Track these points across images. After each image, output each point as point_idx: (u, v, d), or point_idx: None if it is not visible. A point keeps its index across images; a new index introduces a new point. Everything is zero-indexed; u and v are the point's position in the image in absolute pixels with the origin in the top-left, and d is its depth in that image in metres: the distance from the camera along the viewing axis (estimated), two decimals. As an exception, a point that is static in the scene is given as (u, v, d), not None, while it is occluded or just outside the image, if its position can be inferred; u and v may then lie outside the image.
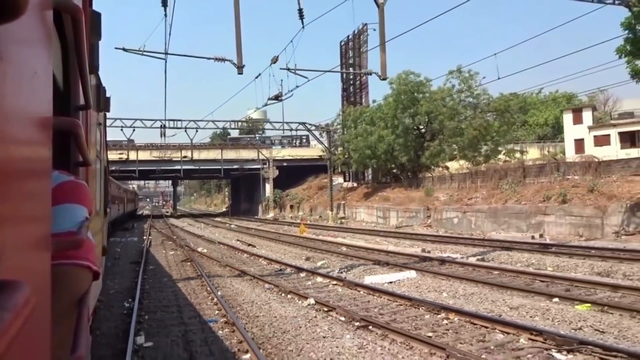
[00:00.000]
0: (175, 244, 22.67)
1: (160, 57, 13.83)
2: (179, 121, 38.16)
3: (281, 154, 52.03)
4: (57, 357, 1.07)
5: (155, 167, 49.44)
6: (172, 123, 37.73)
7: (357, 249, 18.64)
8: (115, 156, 41.86)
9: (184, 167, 48.46)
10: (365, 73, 22.85)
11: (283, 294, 10.39)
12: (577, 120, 43.40)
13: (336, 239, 23.18)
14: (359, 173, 45.64)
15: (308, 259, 16.38)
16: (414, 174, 37.16)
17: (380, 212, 33.70)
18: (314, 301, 9.35)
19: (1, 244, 0.54)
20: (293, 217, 45.35)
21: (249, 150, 52.59)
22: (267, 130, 64.29)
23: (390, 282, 11.57)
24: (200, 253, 18.74)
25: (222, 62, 12.06)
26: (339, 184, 47.25)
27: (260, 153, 48.99)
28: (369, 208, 35.75)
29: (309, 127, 39.48)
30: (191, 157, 46.88)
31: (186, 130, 39.21)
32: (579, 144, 42.12)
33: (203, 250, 19.44)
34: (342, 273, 13.05)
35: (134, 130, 37.49)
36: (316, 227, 31.02)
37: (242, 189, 65.57)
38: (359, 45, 46.59)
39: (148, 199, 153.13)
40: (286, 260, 16.01)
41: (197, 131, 39.87)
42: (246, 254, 18.23)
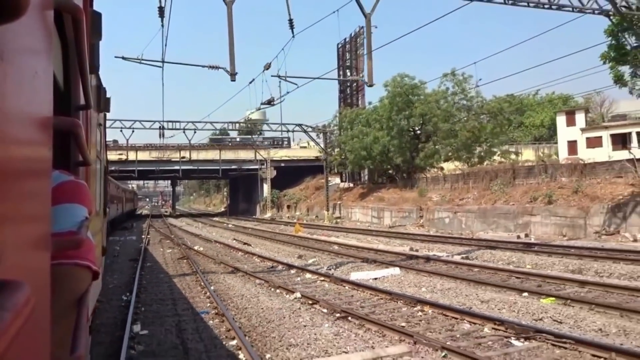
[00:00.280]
0: (173, 243, 23.29)
1: (157, 65, 14.45)
2: (177, 122, 38.84)
3: (279, 155, 52.61)
4: (57, 357, 1.07)
5: (154, 168, 50.03)
6: (170, 124, 38.40)
7: (348, 248, 19.28)
8: (115, 156, 42.44)
9: (183, 167, 49.05)
10: (352, 80, 23.42)
11: (272, 289, 11.02)
12: (570, 122, 44.02)
13: (329, 238, 23.80)
14: (355, 174, 46.27)
15: (300, 257, 17.01)
16: (409, 175, 37.79)
17: (375, 212, 34.32)
18: (300, 295, 9.98)
19: (1, 244, 0.54)
20: (290, 217, 45.95)
21: (247, 150, 53.14)
22: (266, 131, 65.02)
23: (375, 279, 12.20)
24: (196, 251, 19.37)
25: (216, 70, 12.74)
26: (335, 184, 47.83)
27: (258, 153, 49.54)
28: (364, 208, 36.37)
29: (305, 128, 40.08)
30: (189, 158, 47.51)
31: (184, 132, 39.89)
32: (572, 146, 42.74)
33: (199, 249, 20.07)
34: (331, 270, 13.68)
35: (133, 131, 38.13)
36: (312, 227, 31.62)
37: (241, 189, 66.17)
38: (355, 47, 47.30)
39: (147, 199, 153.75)
40: (279, 258, 16.62)
41: (195, 132, 40.56)
42: (241, 252, 18.86)
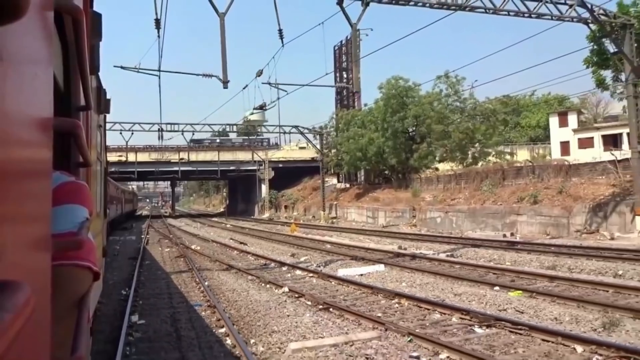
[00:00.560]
0: (171, 242, 24.00)
1: (154, 74, 15.17)
2: (176, 124, 39.59)
3: (277, 156, 53.31)
4: (57, 358, 1.07)
5: (154, 169, 50.73)
6: (169, 126, 39.12)
7: (340, 246, 19.99)
8: (115, 158, 43.14)
9: (182, 168, 49.78)
10: (340, 86, 24.15)
11: (262, 284, 11.73)
12: (563, 123, 44.80)
13: (323, 237, 24.51)
14: (352, 174, 46.95)
15: (293, 255, 17.71)
16: (404, 176, 38.49)
17: (370, 212, 35.01)
18: (288, 289, 10.69)
19: (2, 245, 0.54)
20: (288, 217, 46.64)
21: (245, 151, 53.86)
22: (264, 133, 65.84)
23: (361, 275, 12.90)
24: (193, 250, 20.08)
25: (209, 78, 13.45)
26: (332, 185, 48.53)
27: (256, 154, 50.24)
28: (360, 208, 37.06)
29: (302, 130, 40.80)
30: (188, 159, 48.23)
31: (183, 133, 40.63)
32: (565, 146, 43.48)
33: (197, 248, 20.79)
34: (320, 267, 14.38)
35: (132, 133, 38.85)
36: (308, 227, 32.32)
37: (239, 189, 66.87)
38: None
39: (147, 200, 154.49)
40: (273, 256, 17.31)
41: (193, 134, 41.29)
42: (236, 251, 19.56)
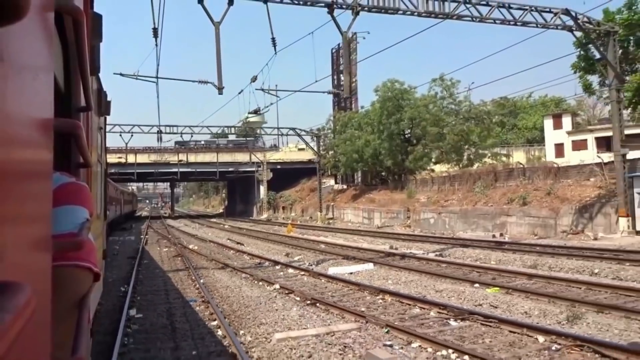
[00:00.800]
0: (170, 242, 24.53)
1: (152, 81, 15.72)
2: (174, 127, 40.13)
3: (275, 157, 53.85)
4: (58, 359, 1.08)
5: (153, 170, 51.30)
6: (168, 129, 39.66)
7: (334, 247, 20.52)
8: (114, 159, 43.68)
9: (181, 169, 50.35)
10: (330, 92, 24.73)
11: (255, 281, 12.27)
12: (557, 125, 45.34)
13: (319, 237, 25.04)
14: (349, 176, 47.52)
15: (287, 255, 18.25)
16: (399, 177, 39.04)
17: (366, 213, 35.56)
18: (279, 286, 11.23)
19: (2, 245, 0.54)
20: (285, 218, 47.17)
21: (244, 153, 54.40)
22: (263, 135, 66.41)
23: (351, 273, 13.44)
24: (191, 250, 20.62)
25: (205, 84, 13.98)
26: (330, 186, 49.10)
27: (254, 156, 50.76)
28: (356, 209, 37.61)
29: (299, 132, 41.37)
30: (187, 160, 48.77)
31: (181, 136, 41.16)
32: (559, 148, 44.06)
33: (194, 248, 21.33)
34: (312, 266, 14.92)
35: (132, 135, 39.38)
36: (304, 227, 32.87)
37: (238, 190, 67.41)
38: (349, 52, 48.63)
39: (147, 201, 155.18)
40: (267, 255, 17.84)
41: (192, 136, 41.80)
42: (233, 251, 20.10)
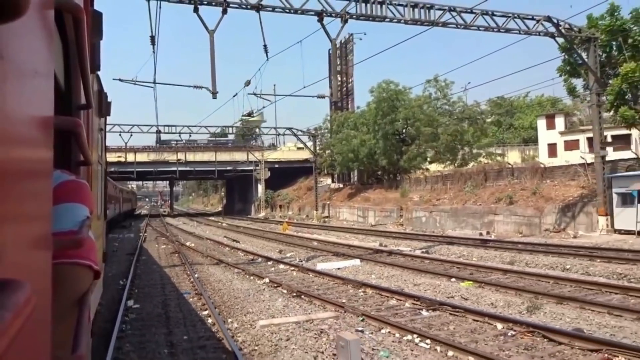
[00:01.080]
0: (168, 240, 25.25)
1: (149, 86, 16.42)
2: (173, 127, 40.85)
3: (273, 156, 54.53)
4: (58, 357, 1.07)
5: (152, 169, 51.98)
6: (167, 128, 40.37)
7: (326, 244, 21.23)
8: (114, 158, 44.36)
9: (180, 168, 51.02)
10: (319, 97, 25.47)
11: (247, 276, 12.99)
12: (550, 125, 46.00)
13: (312, 235, 25.76)
14: (345, 175, 48.25)
15: (280, 252, 18.96)
16: (394, 176, 39.74)
17: (360, 212, 36.27)
18: (269, 280, 11.94)
19: (2, 244, 0.54)
20: (282, 216, 47.89)
21: (242, 152, 55.05)
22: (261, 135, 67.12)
23: (338, 268, 14.16)
24: (188, 247, 21.33)
25: (200, 89, 14.67)
26: (326, 185, 49.80)
27: (252, 155, 51.43)
28: (351, 208, 38.31)
29: (295, 132, 42.08)
30: (185, 159, 49.46)
31: (180, 135, 41.90)
32: (552, 148, 44.73)
33: (191, 245, 22.04)
34: (302, 262, 15.63)
35: (131, 135, 40.09)
36: (300, 225, 33.57)
37: (236, 189, 68.15)
38: (345, 53, 49.44)
39: (147, 199, 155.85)
40: (261, 252, 18.56)
41: (190, 136, 42.51)
42: (228, 248, 20.82)
